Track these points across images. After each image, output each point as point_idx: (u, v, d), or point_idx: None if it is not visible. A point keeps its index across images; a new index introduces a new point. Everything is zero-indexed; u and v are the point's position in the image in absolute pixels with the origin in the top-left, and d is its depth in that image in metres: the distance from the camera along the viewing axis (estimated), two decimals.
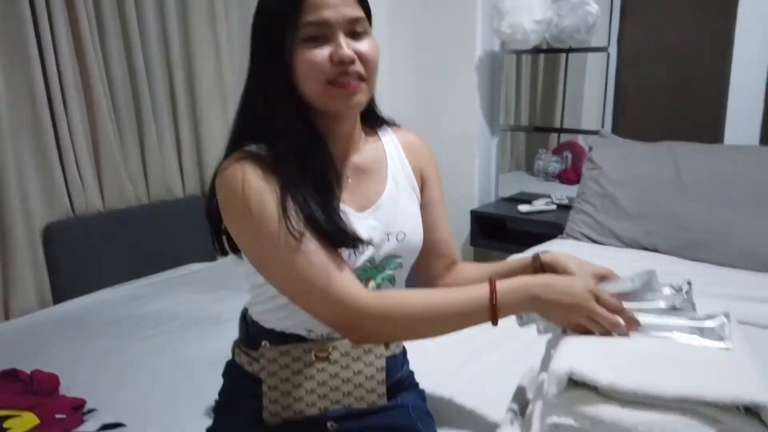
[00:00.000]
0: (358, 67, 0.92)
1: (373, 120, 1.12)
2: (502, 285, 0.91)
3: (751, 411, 0.77)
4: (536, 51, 2.89)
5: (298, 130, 0.94)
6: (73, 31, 2.20)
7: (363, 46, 0.93)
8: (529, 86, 3.14)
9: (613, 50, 2.67)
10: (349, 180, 1.02)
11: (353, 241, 0.94)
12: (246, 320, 1.08)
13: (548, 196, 2.86)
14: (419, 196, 1.12)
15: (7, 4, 2.04)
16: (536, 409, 0.90)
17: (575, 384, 0.81)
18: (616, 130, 2.69)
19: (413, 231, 1.06)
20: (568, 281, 0.93)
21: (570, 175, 3.01)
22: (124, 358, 1.79)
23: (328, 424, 0.99)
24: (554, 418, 0.81)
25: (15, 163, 2.09)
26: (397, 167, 1.09)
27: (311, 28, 0.90)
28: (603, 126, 2.71)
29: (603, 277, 1.04)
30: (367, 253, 0.99)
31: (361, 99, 0.95)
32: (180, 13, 2.53)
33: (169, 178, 2.57)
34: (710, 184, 2.10)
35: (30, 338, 1.93)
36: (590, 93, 2.89)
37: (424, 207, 1.12)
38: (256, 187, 0.91)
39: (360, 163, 1.05)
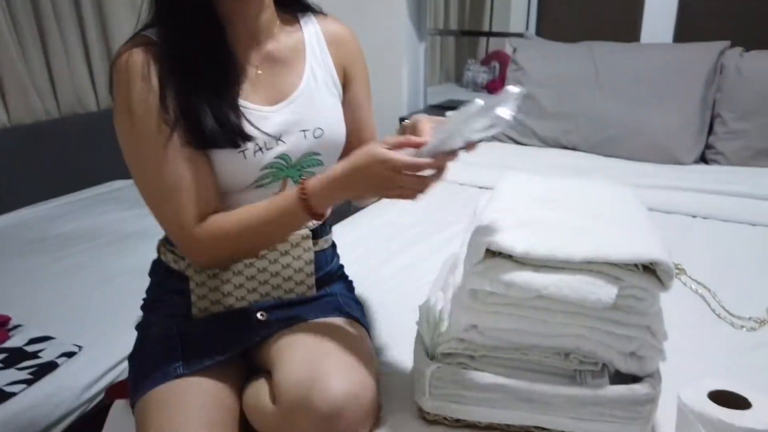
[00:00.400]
0: None
1: (294, 5, 1.05)
2: (314, 180, 0.88)
3: (648, 269, 0.84)
4: None
5: (189, 11, 0.89)
6: None
7: None
8: None
9: None
10: (258, 71, 0.97)
11: (236, 137, 0.90)
12: None
13: None
14: (341, 93, 1.06)
15: None
16: (457, 283, 0.95)
17: (492, 254, 0.86)
18: (540, 32, 2.70)
19: (332, 127, 1.02)
20: (367, 161, 0.83)
21: (498, 85, 3.05)
22: (48, 275, 1.75)
23: (258, 314, 0.99)
24: (473, 286, 0.85)
25: None
26: (317, 60, 1.03)
27: None
28: (527, 28, 2.72)
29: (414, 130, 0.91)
30: (277, 149, 0.95)
31: None
32: None
33: (79, 89, 2.40)
34: (626, 82, 2.17)
35: None
36: None
37: (347, 106, 1.07)
38: (135, 80, 0.87)
39: (274, 52, 0.99)
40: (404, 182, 0.83)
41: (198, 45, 0.90)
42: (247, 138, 0.91)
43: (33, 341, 1.43)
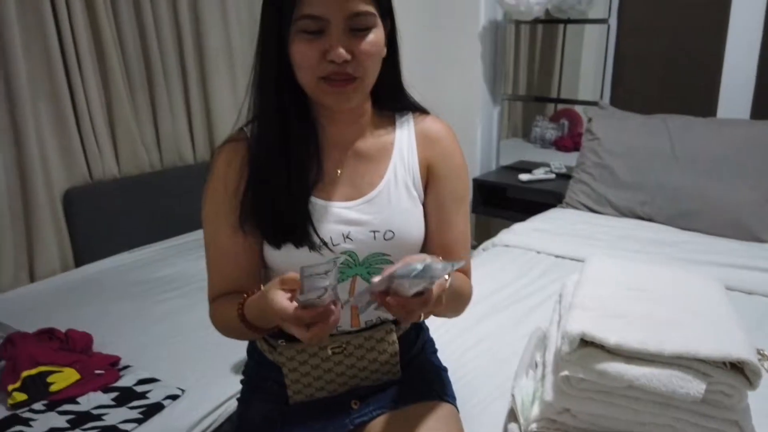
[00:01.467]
0: (351, 67, 0.87)
1: (395, 104, 1.05)
2: (252, 299, 0.90)
3: (736, 367, 0.89)
4: (538, 21, 2.94)
5: (288, 111, 0.93)
6: (86, 1, 2.23)
7: (362, 43, 0.87)
8: (527, 55, 3.20)
9: (613, 22, 2.73)
10: (339, 171, 0.99)
11: (299, 239, 0.94)
12: None
13: (547, 165, 2.96)
14: (421, 195, 1.02)
15: None
16: (548, 363, 1.02)
17: (585, 343, 0.93)
18: (613, 101, 2.77)
19: (404, 231, 0.99)
20: (270, 305, 0.80)
21: (567, 143, 3.09)
22: (148, 317, 1.90)
23: (351, 402, 1.06)
24: (566, 372, 0.92)
25: (35, 131, 2.15)
26: (403, 161, 1.01)
27: (307, 21, 0.85)
28: (601, 97, 2.79)
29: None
30: (344, 246, 0.96)
31: (352, 98, 0.91)
32: None
33: (180, 145, 2.64)
34: (702, 156, 2.20)
35: (56, 299, 2.03)
36: (587, 63, 2.97)
37: (430, 205, 1.02)
38: (219, 173, 0.98)
39: (362, 151, 1.00)
40: (293, 331, 0.80)
41: (287, 145, 0.94)
42: (310, 240, 0.94)
43: (141, 382, 1.57)
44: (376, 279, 0.76)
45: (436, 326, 1.31)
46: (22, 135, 2.11)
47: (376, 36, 0.89)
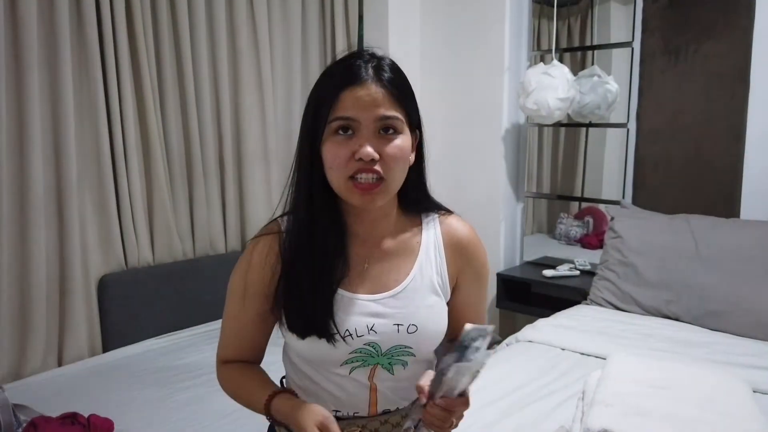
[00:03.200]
0: (378, 166, 0.93)
1: (419, 205, 1.10)
2: (282, 398, 0.98)
3: None
4: (559, 125, 3.07)
5: (319, 208, 0.99)
6: (137, 99, 2.43)
7: (389, 146, 0.94)
8: (550, 156, 3.31)
9: (632, 126, 2.83)
10: (366, 265, 1.03)
11: (321, 332, 0.98)
12: (284, 387, 1.14)
13: (571, 262, 2.98)
14: (448, 294, 1.08)
15: (81, 75, 2.28)
16: None
17: None
18: (635, 200, 2.82)
19: (427, 326, 1.02)
20: (308, 414, 0.93)
21: (591, 240, 3.11)
22: (170, 405, 1.92)
23: None
24: None
25: (79, 219, 2.28)
26: (430, 261, 1.06)
27: (341, 122, 0.93)
28: (623, 197, 2.84)
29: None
30: (368, 338, 1.00)
31: (377, 199, 0.96)
32: (232, 83, 2.77)
33: (213, 235, 2.75)
34: (727, 257, 2.21)
35: (82, 384, 2.06)
36: (609, 163, 3.05)
37: (455, 305, 1.08)
38: (251, 263, 1.03)
39: (389, 248, 1.05)
40: None
41: (317, 240, 0.99)
42: (329, 333, 0.98)
43: None
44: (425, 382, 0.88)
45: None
46: (66, 222, 2.24)
47: (402, 141, 0.95)
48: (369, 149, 0.92)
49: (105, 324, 2.38)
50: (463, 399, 0.87)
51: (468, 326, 0.86)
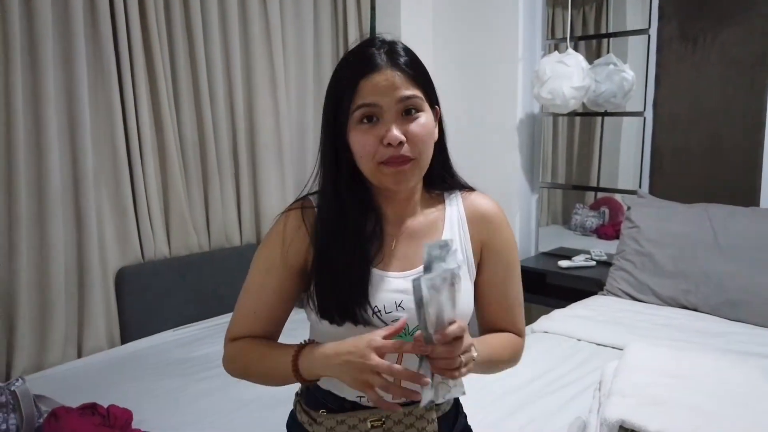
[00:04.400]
0: (406, 149, 0.95)
1: (444, 184, 1.11)
2: (308, 348, 0.95)
3: None
4: (574, 114, 3.04)
5: (350, 189, 1.01)
6: (151, 95, 2.45)
7: (414, 126, 0.95)
8: (566, 146, 3.28)
9: (648, 114, 2.79)
10: (395, 244, 1.05)
11: (350, 315, 0.97)
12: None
13: (587, 252, 2.95)
14: (474, 271, 1.08)
15: (96, 72, 2.30)
16: None
17: (625, 430, 0.91)
18: (652, 190, 2.79)
19: None
20: (356, 339, 0.89)
21: (608, 231, 3.08)
22: (188, 396, 1.94)
23: None
24: None
25: (95, 212, 2.31)
26: (454, 236, 1.07)
27: (364, 110, 0.94)
28: (640, 186, 2.81)
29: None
30: (395, 314, 1.00)
31: (410, 178, 0.98)
32: (245, 76, 2.78)
33: (228, 228, 2.76)
34: (746, 245, 2.18)
35: (101, 375, 2.09)
36: (626, 153, 3.02)
37: (487, 281, 1.07)
38: (282, 238, 1.02)
39: (413, 227, 1.06)
40: (374, 366, 0.86)
41: (351, 222, 1.00)
42: (365, 318, 0.98)
43: None
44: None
45: (475, 411, 1.29)
46: (83, 216, 2.27)
47: (426, 119, 0.97)
48: (395, 132, 0.93)
49: (123, 316, 2.41)
50: (457, 327, 0.84)
51: (426, 244, 0.84)
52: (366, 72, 0.94)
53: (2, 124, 2.07)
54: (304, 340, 1.02)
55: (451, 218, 1.08)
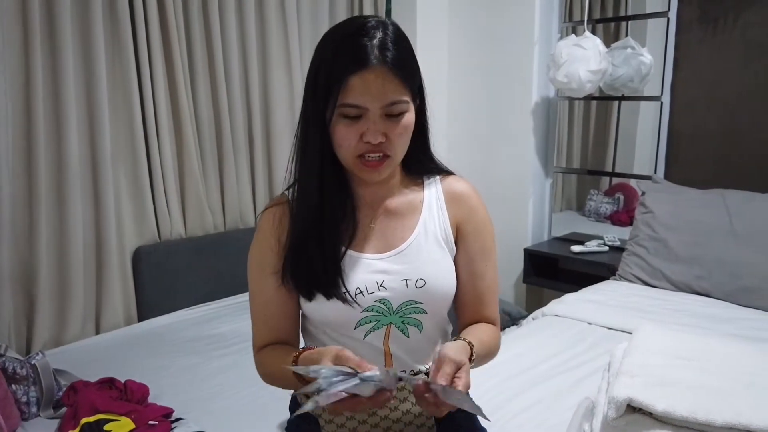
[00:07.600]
0: (385, 147, 0.98)
1: (423, 169, 1.14)
2: (303, 355, 0.96)
3: None
4: (590, 98, 3.01)
5: (324, 174, 1.02)
6: (168, 76, 2.47)
7: (396, 127, 0.97)
8: (581, 130, 3.25)
9: (666, 99, 2.76)
10: (372, 225, 1.08)
11: (330, 290, 1.01)
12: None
13: (600, 238, 2.94)
14: (453, 248, 1.11)
15: (114, 53, 2.32)
16: (596, 431, 1.01)
17: (633, 409, 0.92)
18: (668, 175, 2.76)
19: (435, 279, 1.05)
20: (321, 355, 0.90)
21: (622, 217, 3.06)
22: (203, 372, 1.98)
23: None
24: None
25: (114, 192, 2.34)
26: (432, 217, 1.10)
27: (349, 109, 0.95)
28: (655, 171, 2.78)
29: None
30: (378, 294, 1.03)
31: (383, 173, 1.01)
32: (260, 58, 2.78)
33: (243, 208, 2.79)
34: (763, 232, 2.16)
35: (119, 351, 2.14)
36: (642, 138, 2.98)
37: (461, 260, 1.11)
38: (263, 234, 1.07)
39: (393, 208, 1.09)
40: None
41: (323, 205, 1.03)
42: (339, 292, 1.01)
43: None
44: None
45: (482, 392, 1.31)
46: (101, 196, 2.30)
47: (407, 119, 0.99)
48: (378, 134, 0.96)
49: (140, 294, 2.45)
50: (444, 379, 0.87)
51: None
52: (356, 69, 0.93)
53: (22, 106, 2.10)
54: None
55: (430, 199, 1.11)
